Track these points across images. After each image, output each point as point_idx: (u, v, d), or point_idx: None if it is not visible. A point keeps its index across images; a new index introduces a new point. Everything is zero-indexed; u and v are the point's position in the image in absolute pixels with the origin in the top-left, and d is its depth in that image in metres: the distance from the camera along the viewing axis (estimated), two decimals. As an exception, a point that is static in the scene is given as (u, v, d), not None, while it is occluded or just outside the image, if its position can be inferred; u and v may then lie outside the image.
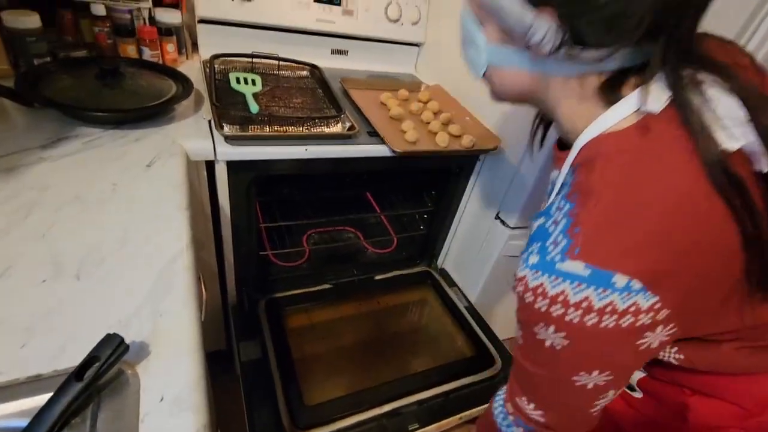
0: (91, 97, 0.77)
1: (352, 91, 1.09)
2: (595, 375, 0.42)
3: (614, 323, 0.37)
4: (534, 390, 0.49)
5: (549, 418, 0.49)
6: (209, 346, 1.17)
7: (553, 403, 0.48)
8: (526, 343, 0.45)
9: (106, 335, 0.41)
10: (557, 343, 0.40)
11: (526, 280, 0.41)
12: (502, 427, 0.55)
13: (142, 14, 0.97)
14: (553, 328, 0.40)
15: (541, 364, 0.45)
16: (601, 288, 0.36)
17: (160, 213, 0.60)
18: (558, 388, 0.45)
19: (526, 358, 0.47)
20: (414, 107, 1.08)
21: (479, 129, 1.05)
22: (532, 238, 0.43)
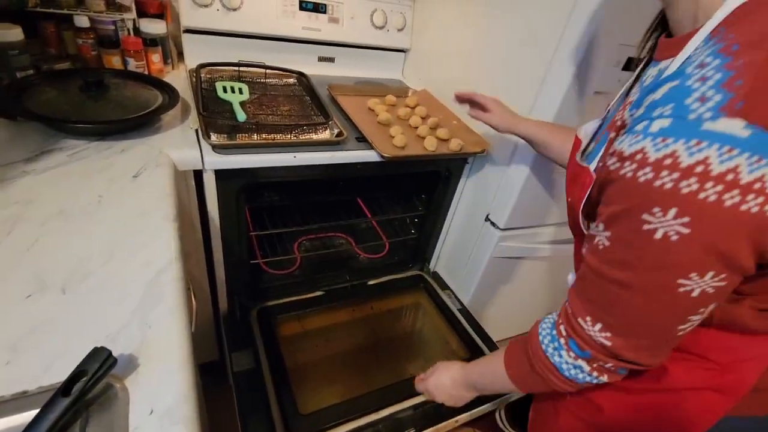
0: (76, 109, 0.76)
1: (340, 97, 1.09)
2: (708, 277, 0.36)
3: (758, 207, 0.32)
4: (608, 305, 0.42)
5: (618, 342, 0.43)
6: (202, 357, 1.16)
7: (632, 320, 0.42)
8: (618, 241, 0.39)
9: (93, 349, 0.40)
10: (674, 231, 0.35)
11: (645, 152, 0.35)
12: (548, 352, 0.50)
13: (127, 25, 0.97)
14: (675, 211, 0.34)
15: (637, 266, 0.39)
16: (757, 156, 0.30)
17: (147, 224, 0.60)
18: (648, 299, 0.39)
19: (612, 262, 0.41)
20: (402, 112, 1.09)
21: (467, 133, 1.06)
22: (654, 104, 0.36)
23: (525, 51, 0.93)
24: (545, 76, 0.89)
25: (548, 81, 0.89)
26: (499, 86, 1.03)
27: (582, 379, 0.48)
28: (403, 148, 0.95)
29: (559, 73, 0.86)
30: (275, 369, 0.93)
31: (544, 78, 0.89)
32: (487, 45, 1.05)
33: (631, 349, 0.43)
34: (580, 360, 0.47)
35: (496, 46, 1.02)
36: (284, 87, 1.10)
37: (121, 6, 0.96)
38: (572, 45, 0.83)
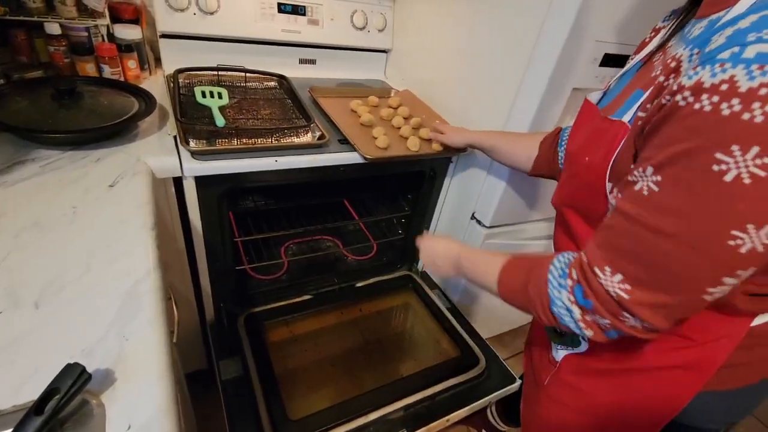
0: (47, 118, 0.74)
1: (321, 99, 1.09)
2: (765, 231, 0.33)
3: None
4: (639, 255, 0.39)
5: (639, 295, 0.40)
6: (190, 366, 1.14)
7: (663, 273, 0.38)
8: (672, 184, 0.36)
9: (67, 365, 0.39)
10: (749, 174, 0.31)
11: (735, 81, 0.31)
12: (551, 283, 0.47)
13: (100, 31, 0.95)
14: (757, 149, 0.31)
15: (689, 213, 0.35)
16: None
17: (124, 234, 0.59)
18: (690, 250, 0.36)
19: (658, 208, 0.37)
20: (384, 113, 1.09)
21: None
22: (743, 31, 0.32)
23: (504, 49, 0.94)
24: (524, 74, 0.89)
25: (527, 78, 0.89)
26: (480, 85, 1.03)
27: (565, 322, 0.47)
28: (386, 149, 0.94)
29: (537, 70, 0.87)
30: (264, 375, 0.92)
31: (523, 76, 0.90)
32: (466, 44, 1.06)
33: (650, 305, 0.40)
34: (575, 306, 0.45)
35: (476, 45, 1.03)
36: (265, 90, 1.09)
37: (93, 12, 0.94)
38: (549, 43, 0.83)
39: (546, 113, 0.92)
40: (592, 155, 0.52)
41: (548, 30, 0.83)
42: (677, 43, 0.48)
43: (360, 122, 1.03)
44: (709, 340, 0.50)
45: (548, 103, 0.90)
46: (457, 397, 0.97)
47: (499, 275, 0.56)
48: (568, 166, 0.60)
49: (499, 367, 1.06)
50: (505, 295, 0.56)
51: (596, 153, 0.51)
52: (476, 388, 1.00)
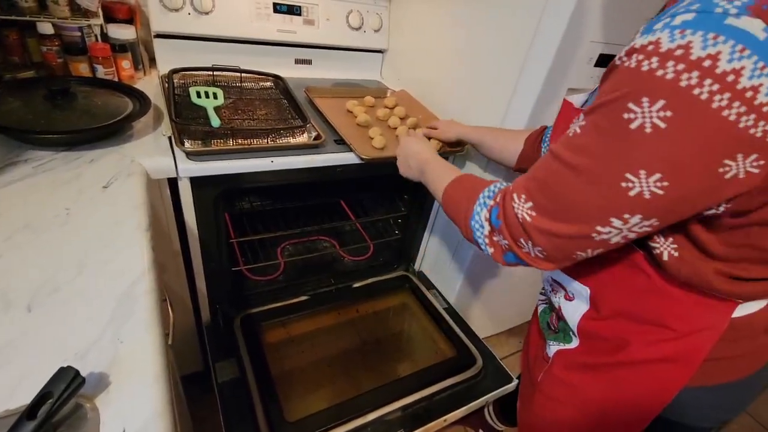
0: (40, 119, 0.73)
1: (318, 99, 1.08)
2: (654, 179, 0.37)
3: (736, 116, 0.32)
4: (549, 186, 0.44)
5: (539, 222, 0.45)
6: (186, 368, 1.14)
7: (564, 203, 0.43)
8: (589, 127, 0.41)
9: (60, 369, 0.39)
10: (651, 125, 0.35)
11: (659, 42, 0.35)
12: (479, 201, 0.54)
13: (94, 31, 0.95)
14: (663, 102, 0.34)
15: (596, 153, 0.40)
16: (762, 62, 0.31)
17: (118, 236, 0.58)
18: (589, 185, 0.41)
19: (574, 146, 0.42)
20: (380, 113, 1.08)
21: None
22: (676, 6, 0.36)
23: (499, 50, 0.94)
24: (520, 74, 0.90)
25: (523, 79, 0.89)
26: (476, 85, 1.03)
27: (476, 237, 0.54)
28: (383, 150, 0.94)
29: (533, 70, 0.87)
30: (260, 377, 0.92)
31: (518, 76, 0.90)
32: (462, 44, 1.06)
33: (547, 232, 0.45)
34: (486, 223, 0.52)
35: (472, 46, 1.03)
36: (260, 91, 1.09)
37: (87, 12, 0.93)
38: (545, 43, 0.83)
39: (542, 113, 0.92)
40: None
41: (543, 30, 0.83)
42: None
43: (356, 122, 1.02)
44: (691, 332, 0.50)
45: (544, 103, 0.90)
46: (455, 397, 0.97)
47: (447, 187, 0.62)
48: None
49: (495, 366, 1.06)
50: (444, 204, 0.63)
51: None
52: (473, 388, 1.01)
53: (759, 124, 0.33)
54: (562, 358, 0.65)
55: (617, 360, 0.56)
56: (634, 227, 0.41)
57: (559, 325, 0.67)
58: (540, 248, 0.47)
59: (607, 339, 0.56)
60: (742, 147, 0.34)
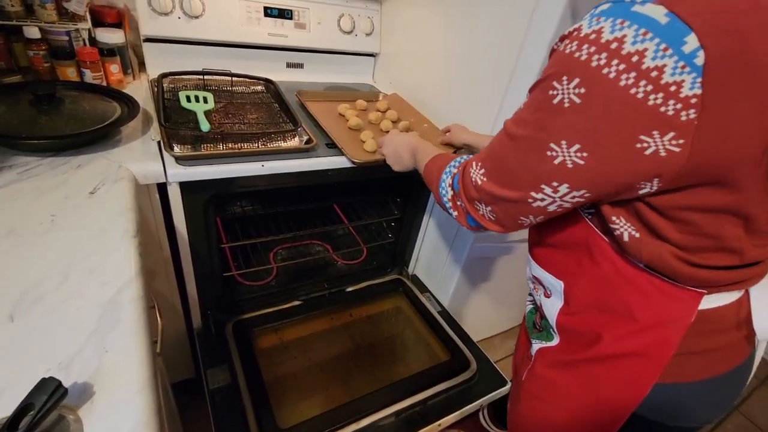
0: (26, 124, 0.72)
1: (309, 103, 1.08)
2: (574, 150, 0.41)
3: (644, 94, 0.36)
4: (496, 153, 0.51)
5: (488, 185, 0.51)
6: (177, 375, 1.12)
7: (506, 168, 0.49)
8: (528, 103, 0.46)
9: (42, 379, 0.38)
10: (569, 100, 0.40)
11: (581, 28, 0.39)
12: (444, 170, 0.62)
13: (82, 35, 0.94)
14: (577, 81, 0.39)
15: (528, 123, 0.45)
16: (664, 44, 0.34)
17: (104, 242, 0.57)
18: (523, 152, 0.46)
19: (516, 119, 0.48)
20: (372, 117, 1.08)
21: (438, 135, 1.06)
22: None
23: (490, 53, 0.95)
24: (511, 78, 0.90)
25: (514, 82, 0.90)
26: (468, 88, 1.04)
27: (443, 200, 0.62)
28: (375, 153, 0.94)
29: (524, 74, 0.88)
30: (252, 383, 0.91)
31: (509, 79, 0.90)
32: (454, 48, 1.06)
33: (493, 195, 0.51)
34: (449, 188, 0.60)
35: (463, 49, 1.03)
36: (251, 95, 1.08)
37: (74, 16, 0.92)
38: (535, 46, 0.84)
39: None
40: None
41: (534, 33, 0.84)
42: None
43: (348, 126, 1.02)
44: (656, 323, 0.50)
45: (535, 106, 0.91)
46: (449, 401, 0.97)
47: (428, 161, 0.70)
48: None
49: (490, 369, 1.06)
50: (425, 176, 0.71)
51: None
52: (467, 392, 1.00)
53: (669, 103, 0.35)
54: (542, 356, 0.66)
55: (591, 355, 0.56)
56: (566, 197, 0.46)
57: (542, 324, 0.67)
58: (490, 209, 0.53)
59: (582, 333, 0.57)
60: (656, 124, 0.37)
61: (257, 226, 1.26)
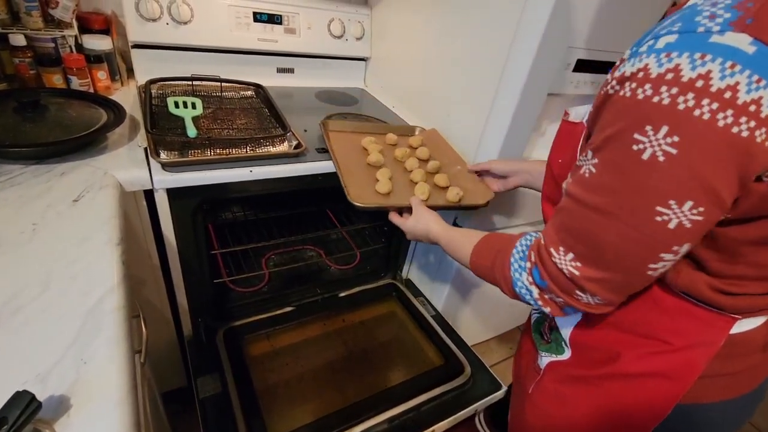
0: (9, 132, 0.71)
1: (333, 134, 0.98)
2: (686, 207, 0.36)
3: (749, 131, 0.31)
4: (585, 234, 0.42)
5: (588, 272, 0.43)
6: (168, 384, 1.11)
7: (606, 249, 0.41)
8: (604, 165, 0.39)
9: (15, 393, 0.37)
10: (662, 152, 0.34)
11: (648, 69, 0.34)
12: (513, 266, 0.51)
13: (68, 42, 0.93)
14: (666, 129, 0.34)
15: (619, 190, 0.38)
16: (758, 75, 0.30)
17: (86, 251, 0.56)
18: (625, 226, 0.39)
19: (596, 187, 0.40)
20: (399, 153, 0.97)
21: (472, 181, 0.93)
22: (659, 27, 0.36)
23: (479, 56, 0.95)
24: (499, 81, 0.90)
25: (502, 85, 0.90)
26: (458, 91, 1.04)
27: (527, 300, 0.52)
28: (387, 196, 0.84)
29: (512, 77, 0.88)
30: (243, 392, 0.90)
31: (498, 83, 0.90)
32: (444, 51, 1.06)
33: (599, 281, 0.43)
34: (533, 286, 0.50)
35: (452, 53, 1.03)
36: (241, 100, 1.08)
37: (61, 22, 0.92)
38: (523, 50, 0.84)
39: (522, 119, 0.92)
40: (563, 156, 0.56)
41: (521, 37, 0.84)
42: None
43: (366, 161, 0.92)
44: (685, 346, 0.49)
45: (524, 109, 0.90)
46: (443, 406, 0.96)
47: (471, 257, 0.62)
48: (548, 170, 0.62)
49: (484, 374, 1.05)
50: (477, 273, 0.62)
51: (566, 154, 0.55)
52: (462, 397, 0.99)
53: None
54: (553, 369, 0.64)
55: (608, 372, 0.54)
56: (683, 251, 0.40)
57: (551, 336, 0.66)
58: (598, 297, 0.45)
59: (599, 350, 0.55)
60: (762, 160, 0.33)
61: (249, 231, 1.25)
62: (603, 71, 0.96)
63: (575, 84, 0.93)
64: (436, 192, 0.89)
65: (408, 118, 1.20)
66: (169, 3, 1.03)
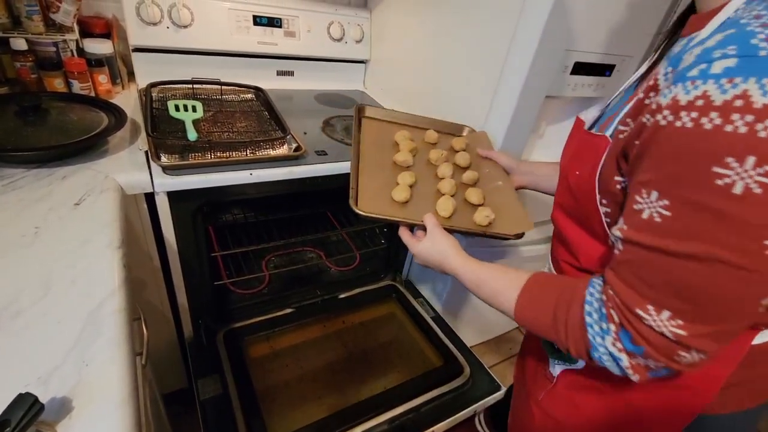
0: (11, 136, 0.72)
1: (366, 122, 0.88)
2: None
3: None
4: (680, 287, 0.37)
5: (695, 329, 0.37)
6: (170, 386, 1.11)
7: (713, 300, 0.36)
8: (683, 207, 0.35)
9: (18, 395, 0.37)
10: (756, 183, 0.31)
11: (708, 96, 0.32)
12: (591, 328, 0.43)
13: (69, 46, 0.94)
14: (754, 159, 0.31)
15: (716, 232, 0.34)
16: None
17: (87, 254, 0.57)
18: (733, 270, 0.34)
19: (681, 234, 0.35)
20: (433, 156, 0.84)
21: (508, 204, 0.78)
22: (709, 50, 0.34)
23: (478, 58, 0.95)
24: (498, 83, 0.90)
25: (501, 88, 0.90)
26: (457, 93, 1.04)
27: (607, 365, 0.44)
28: (403, 205, 0.72)
29: (510, 79, 0.88)
30: (244, 393, 0.90)
31: (497, 85, 0.91)
32: (443, 54, 1.07)
33: (710, 335, 0.38)
34: (623, 354, 0.42)
35: (452, 56, 1.04)
36: (241, 103, 1.08)
37: (62, 27, 0.92)
38: (521, 52, 0.85)
39: (521, 121, 0.93)
40: (581, 169, 0.53)
41: (519, 40, 0.85)
42: (663, 62, 0.49)
43: (393, 159, 0.81)
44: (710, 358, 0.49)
45: (523, 111, 0.91)
46: (442, 407, 0.96)
47: (517, 308, 0.51)
48: (563, 179, 0.60)
49: (483, 375, 1.06)
50: (526, 326, 0.52)
51: (584, 167, 0.52)
52: (461, 397, 0.99)
53: None
54: (567, 378, 0.63)
55: (627, 382, 0.52)
56: None
57: None
58: (706, 353, 0.39)
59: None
60: None
61: (249, 233, 1.25)
62: (601, 74, 0.96)
63: (573, 86, 0.94)
64: (463, 209, 0.76)
65: (407, 120, 1.21)
66: (169, 7, 1.04)
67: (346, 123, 1.13)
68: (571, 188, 0.56)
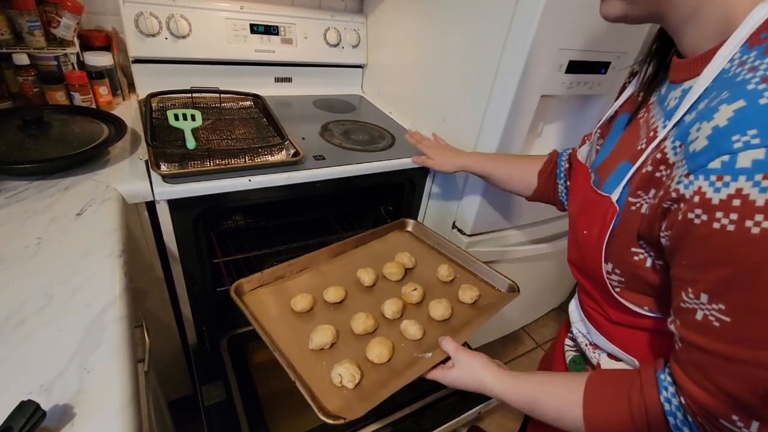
0: (14, 149, 0.74)
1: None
2: None
3: None
4: (762, 394, 0.34)
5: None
6: (175, 392, 1.12)
7: None
8: (746, 313, 0.33)
9: (20, 403, 0.38)
10: None
11: (745, 195, 0.30)
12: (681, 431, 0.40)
13: (70, 59, 0.95)
14: None
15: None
16: None
17: (89, 263, 0.58)
18: None
19: (754, 341, 0.33)
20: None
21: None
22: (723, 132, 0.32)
23: (473, 60, 0.96)
24: (493, 84, 0.91)
25: (496, 88, 0.91)
26: (452, 95, 1.05)
27: None
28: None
29: (505, 79, 0.89)
30: (247, 399, 0.91)
31: (492, 86, 0.91)
32: (438, 57, 1.07)
33: None
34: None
35: (446, 58, 1.04)
36: (240, 110, 1.10)
37: (63, 41, 0.94)
38: (515, 52, 0.85)
39: (517, 121, 0.93)
40: (589, 229, 0.52)
41: (513, 40, 0.85)
42: (656, 107, 0.48)
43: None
44: None
45: (518, 111, 0.91)
46: (443, 410, 0.96)
47: (585, 414, 0.46)
48: (572, 229, 0.59)
49: (487, 376, 1.05)
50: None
51: (592, 228, 0.51)
52: (464, 399, 0.99)
53: None
54: None
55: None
56: None
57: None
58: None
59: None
60: None
61: (251, 239, 1.26)
62: (596, 72, 0.96)
63: (569, 85, 0.94)
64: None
65: (404, 122, 1.21)
66: (167, 18, 1.05)
67: (344, 127, 1.14)
68: (579, 244, 0.54)
